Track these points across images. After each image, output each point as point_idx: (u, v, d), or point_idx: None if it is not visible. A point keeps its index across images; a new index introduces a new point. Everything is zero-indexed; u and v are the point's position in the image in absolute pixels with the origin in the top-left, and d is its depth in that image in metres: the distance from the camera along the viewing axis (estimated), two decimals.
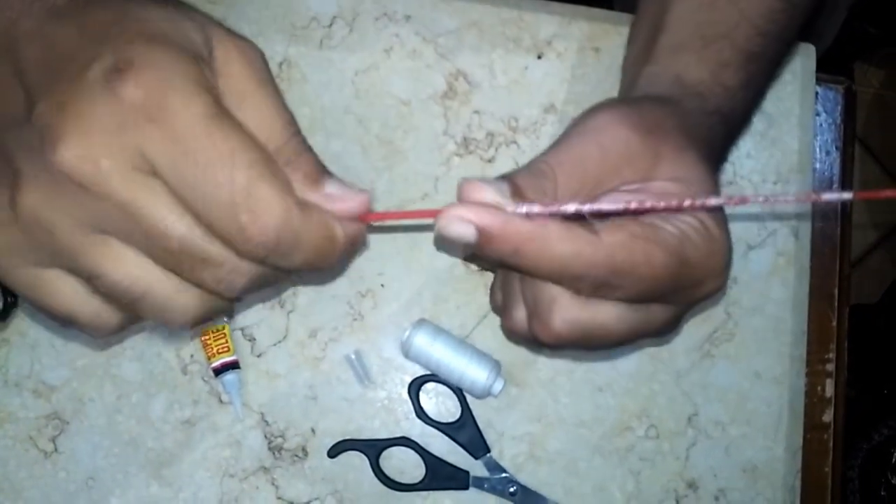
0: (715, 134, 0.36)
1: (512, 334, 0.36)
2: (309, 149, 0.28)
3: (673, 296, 0.31)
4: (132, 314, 0.28)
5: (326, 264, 0.27)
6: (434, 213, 0.29)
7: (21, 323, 0.45)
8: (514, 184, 0.30)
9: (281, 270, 0.27)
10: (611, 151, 0.31)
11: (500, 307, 0.36)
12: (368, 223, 0.29)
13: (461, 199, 0.29)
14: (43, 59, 0.26)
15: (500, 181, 0.29)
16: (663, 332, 0.34)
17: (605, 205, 0.29)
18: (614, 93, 0.49)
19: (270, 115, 0.27)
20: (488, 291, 0.47)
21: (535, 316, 0.32)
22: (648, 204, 0.29)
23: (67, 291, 0.27)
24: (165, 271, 0.26)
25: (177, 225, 0.24)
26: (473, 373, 0.45)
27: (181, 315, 0.27)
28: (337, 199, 0.27)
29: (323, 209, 0.26)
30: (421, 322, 0.46)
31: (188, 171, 0.24)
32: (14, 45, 0.26)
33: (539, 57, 0.49)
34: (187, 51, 0.25)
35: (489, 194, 0.29)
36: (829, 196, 0.29)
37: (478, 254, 0.29)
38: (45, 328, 0.46)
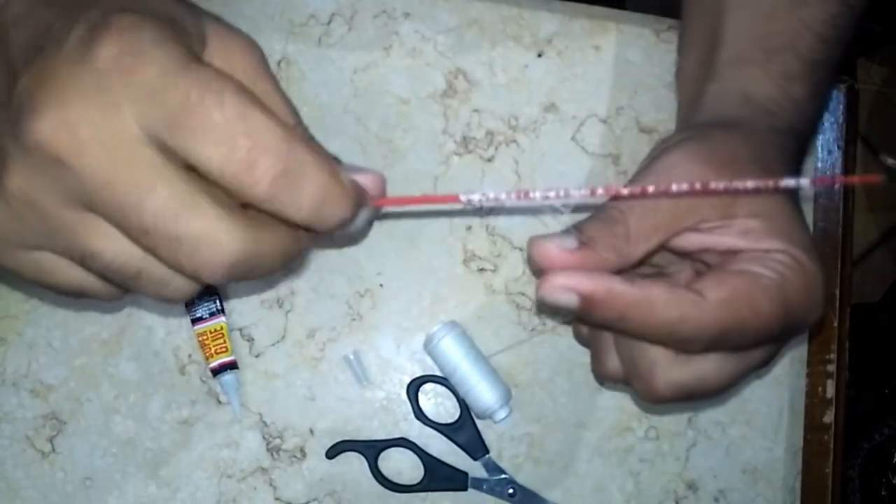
0: (788, 152, 0.35)
1: (604, 380, 0.36)
2: (314, 137, 0.27)
3: (777, 337, 0.31)
4: (130, 290, 0.26)
5: (335, 213, 0.25)
6: (436, 199, 0.30)
7: (18, 322, 0.45)
8: (585, 234, 0.30)
9: (287, 234, 0.25)
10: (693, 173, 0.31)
11: (592, 352, 0.36)
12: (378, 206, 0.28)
13: (534, 259, 0.29)
14: (28, 39, 0.25)
15: (568, 233, 0.30)
16: (762, 366, 0.34)
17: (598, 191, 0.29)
18: (616, 91, 0.48)
19: (278, 102, 0.26)
20: (487, 291, 0.47)
21: (635, 377, 0.32)
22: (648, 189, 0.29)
23: (69, 269, 0.26)
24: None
25: (152, 197, 0.23)
26: (483, 392, 0.44)
27: (177, 292, 0.26)
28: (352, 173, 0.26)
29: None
30: (452, 324, 0.45)
31: (175, 106, 0.22)
32: (3, 30, 0.25)
33: (539, 55, 0.49)
34: (168, 19, 0.24)
35: (553, 250, 0.29)
36: (788, 182, 0.28)
37: (579, 319, 0.29)
38: (42, 327, 0.45)
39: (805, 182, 0.29)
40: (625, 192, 0.29)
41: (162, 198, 0.23)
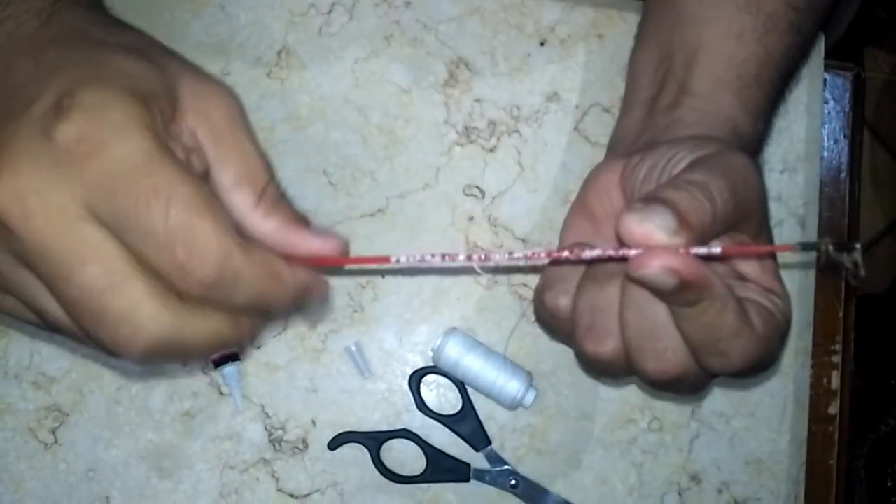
0: None
1: (594, 362, 0.33)
2: (285, 194, 0.28)
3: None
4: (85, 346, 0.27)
5: (275, 306, 0.27)
6: (387, 260, 0.28)
7: None
8: (680, 209, 0.28)
9: (219, 319, 0.26)
10: (750, 194, 0.31)
11: (578, 326, 0.33)
12: (344, 266, 0.29)
13: (626, 235, 0.28)
14: (1, 95, 0.26)
15: (660, 209, 0.28)
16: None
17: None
18: (618, 80, 0.48)
19: (251, 159, 0.27)
20: (489, 283, 0.47)
21: (652, 357, 0.31)
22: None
23: (31, 314, 0.27)
24: None
25: (81, 272, 0.24)
26: (505, 384, 0.44)
27: (128, 353, 0.26)
28: (318, 239, 0.27)
29: (267, 249, 0.26)
30: (453, 331, 0.45)
31: (123, 206, 0.23)
32: None
33: (542, 44, 0.48)
34: (135, 90, 0.25)
35: (658, 234, 0.27)
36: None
37: (661, 296, 0.28)
38: None
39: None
40: (543, 255, 0.29)
41: (91, 274, 0.24)
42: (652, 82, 0.41)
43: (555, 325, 0.35)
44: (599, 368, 0.33)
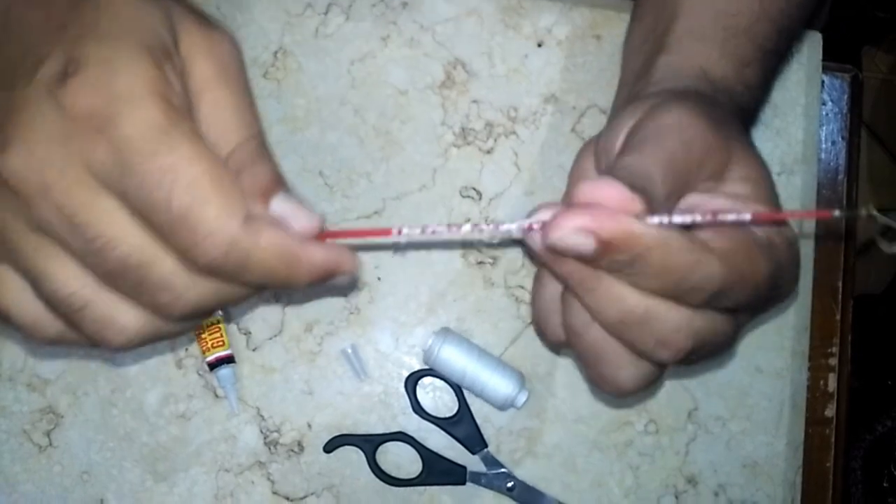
0: (747, 132, 0.35)
1: (619, 392, 0.31)
2: (265, 155, 0.26)
3: (761, 302, 0.30)
4: (70, 327, 0.26)
5: (291, 285, 0.26)
6: (388, 232, 0.27)
7: None
8: (636, 180, 0.26)
9: (245, 288, 0.26)
10: (694, 148, 0.29)
11: (586, 370, 0.31)
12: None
13: (577, 198, 0.26)
14: (9, 52, 0.25)
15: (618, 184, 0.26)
16: (734, 338, 0.31)
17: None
18: (616, 81, 0.48)
19: (227, 115, 0.26)
20: (485, 285, 0.47)
21: (660, 345, 0.28)
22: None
23: (12, 289, 0.26)
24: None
25: (117, 243, 0.23)
26: (497, 384, 0.44)
27: (118, 335, 0.26)
28: (283, 220, 0.25)
29: (279, 229, 0.25)
30: (445, 331, 0.45)
31: (132, 187, 0.23)
32: None
33: (539, 45, 0.48)
34: (147, 46, 0.24)
35: (619, 195, 0.25)
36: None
37: (587, 263, 0.26)
38: None
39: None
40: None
41: (124, 249, 0.24)
42: (637, 58, 0.40)
43: (567, 352, 0.33)
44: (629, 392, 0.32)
